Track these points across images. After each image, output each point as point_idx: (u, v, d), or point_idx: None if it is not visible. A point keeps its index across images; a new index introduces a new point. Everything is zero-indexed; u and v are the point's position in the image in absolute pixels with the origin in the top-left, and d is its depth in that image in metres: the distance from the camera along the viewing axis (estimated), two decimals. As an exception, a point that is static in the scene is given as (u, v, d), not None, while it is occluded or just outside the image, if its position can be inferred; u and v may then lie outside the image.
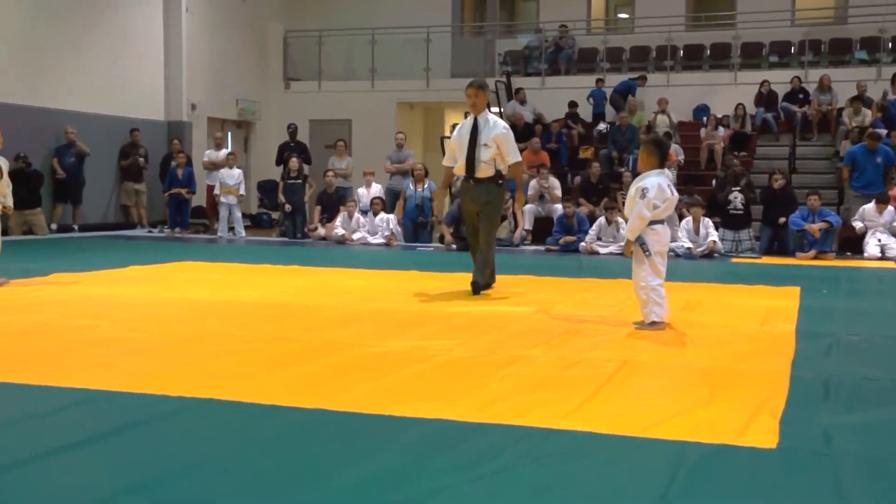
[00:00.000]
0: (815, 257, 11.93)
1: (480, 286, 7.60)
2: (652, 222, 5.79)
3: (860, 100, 15.61)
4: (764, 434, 3.40)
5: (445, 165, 8.32)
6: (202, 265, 9.96)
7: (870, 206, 12.56)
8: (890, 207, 12.49)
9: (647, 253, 5.80)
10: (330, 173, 15.05)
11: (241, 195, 15.62)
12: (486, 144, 7.58)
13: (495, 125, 7.70)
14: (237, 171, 15.57)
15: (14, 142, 13.87)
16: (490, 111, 8.12)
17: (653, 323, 5.81)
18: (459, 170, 7.86)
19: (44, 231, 14.16)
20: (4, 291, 7.25)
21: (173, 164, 15.77)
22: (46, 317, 6.02)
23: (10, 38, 14.26)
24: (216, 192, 15.40)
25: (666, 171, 6.04)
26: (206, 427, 3.50)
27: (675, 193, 6.00)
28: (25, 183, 13.93)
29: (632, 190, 5.99)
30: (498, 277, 8.22)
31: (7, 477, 2.84)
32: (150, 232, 15.67)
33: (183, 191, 15.55)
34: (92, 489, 2.74)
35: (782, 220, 12.54)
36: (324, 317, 6.29)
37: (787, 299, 7.47)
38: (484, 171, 7.64)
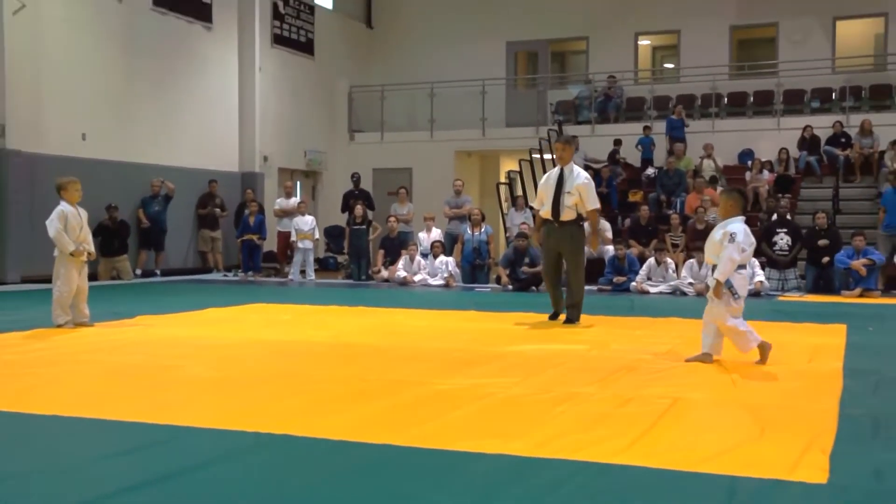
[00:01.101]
0: (861, 295, 11.70)
1: (575, 321, 8.28)
2: (738, 267, 5.78)
3: (901, 142, 15.35)
4: (815, 470, 3.34)
5: (535, 208, 9.02)
6: (274, 307, 10.09)
7: (914, 245, 12.31)
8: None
9: (735, 296, 5.77)
10: (392, 219, 15.19)
11: (316, 239, 15.86)
12: (569, 192, 8.28)
13: (578, 175, 8.40)
14: (310, 218, 15.79)
15: (104, 193, 14.35)
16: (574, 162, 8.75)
17: (757, 348, 5.86)
18: (545, 214, 8.46)
19: (129, 276, 14.50)
20: (94, 333, 7.44)
21: (246, 212, 16.05)
22: (133, 357, 6.17)
23: (104, 99, 14.73)
24: (293, 238, 15.62)
25: (743, 218, 5.98)
26: (281, 462, 3.55)
27: (751, 235, 5.99)
28: (113, 233, 14.33)
29: (716, 235, 5.94)
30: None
31: (103, 508, 2.91)
32: (225, 276, 15.94)
33: (254, 237, 15.80)
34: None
35: (826, 259, 12.33)
36: (389, 356, 6.34)
37: (833, 336, 7.34)
38: (567, 215, 8.31)
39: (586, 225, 8.57)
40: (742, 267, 5.84)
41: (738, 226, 5.85)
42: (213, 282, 14.81)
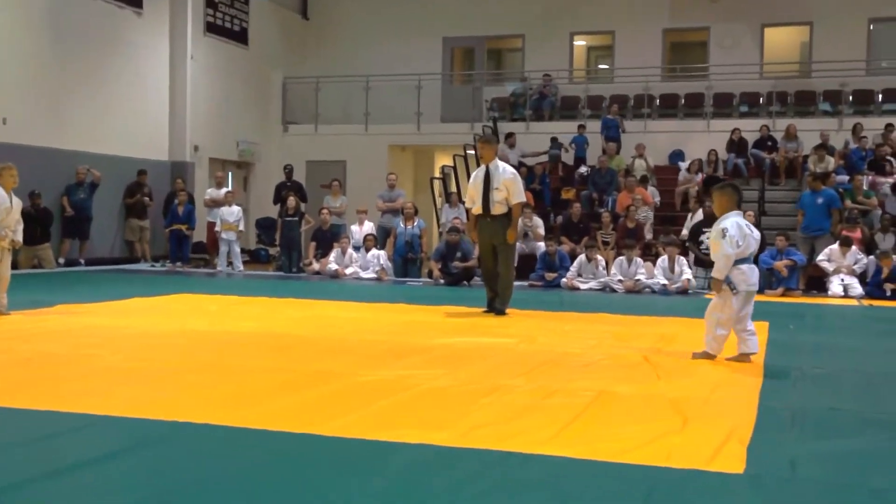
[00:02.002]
0: (783, 294, 11.98)
1: (504, 312, 8.51)
2: (737, 262, 5.74)
3: (824, 147, 15.78)
4: (732, 460, 3.39)
5: (467, 207, 9.33)
6: (201, 297, 9.91)
7: (835, 248, 12.64)
8: (854, 249, 12.55)
9: (734, 291, 5.74)
10: (325, 211, 15.06)
11: (241, 231, 15.61)
12: (497, 188, 8.59)
13: (504, 171, 8.76)
14: (236, 209, 15.56)
15: (27, 180, 13.90)
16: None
17: (744, 354, 5.83)
18: (477, 210, 8.78)
19: (51, 265, 14.10)
20: (11, 321, 7.20)
21: (175, 201, 15.76)
22: (51, 346, 5.98)
23: (28, 83, 14.29)
24: (217, 228, 15.38)
25: (740, 213, 5.91)
26: (201, 450, 3.47)
27: (755, 232, 5.92)
28: (36, 220, 13.91)
29: (713, 232, 5.92)
30: (480, 309, 8.34)
31: (7, 498, 2.80)
32: (152, 266, 15.61)
33: (183, 227, 15.54)
34: (89, 509, 2.71)
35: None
36: (317, 347, 6.27)
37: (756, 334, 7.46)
38: (497, 210, 8.64)
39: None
40: (744, 261, 5.76)
41: (730, 220, 5.78)
42: (140, 272, 14.50)
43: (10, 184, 7.74)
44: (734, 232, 5.72)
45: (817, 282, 12.74)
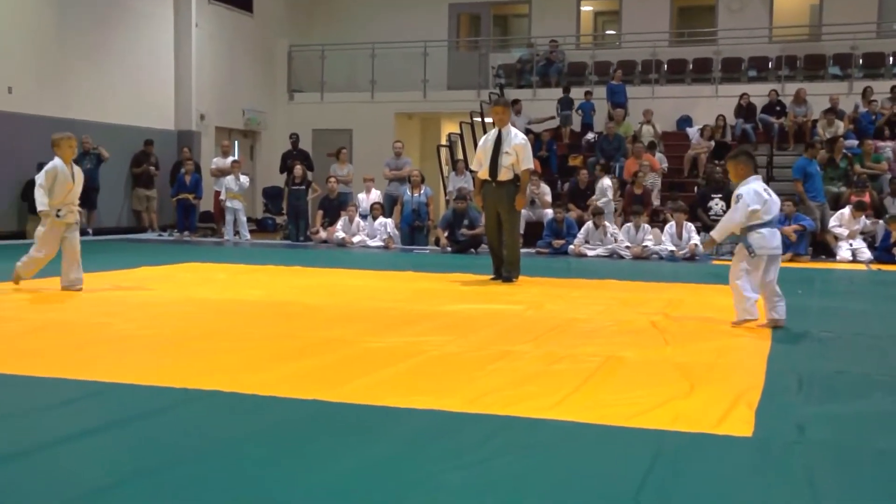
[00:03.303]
0: (791, 259, 11.93)
1: (512, 280, 8.45)
2: (757, 226, 5.69)
3: (833, 112, 15.65)
4: (740, 424, 3.39)
5: (473, 170, 9.13)
6: (209, 266, 9.94)
7: (846, 212, 12.57)
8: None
9: (752, 253, 5.70)
10: (332, 179, 15.04)
11: (243, 190, 15.56)
12: (507, 152, 8.41)
13: (516, 136, 8.58)
14: (243, 178, 15.55)
15: (35, 151, 13.92)
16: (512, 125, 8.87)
17: (743, 320, 5.81)
18: (483, 174, 8.60)
19: (60, 234, 14.11)
20: (21, 289, 7.22)
21: (182, 171, 15.75)
22: (62, 314, 6.01)
23: (32, 52, 14.24)
24: (222, 197, 15.37)
25: (759, 178, 5.87)
26: (210, 417, 3.48)
27: (775, 196, 5.85)
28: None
29: (733, 199, 5.88)
30: (487, 276, 8.33)
31: (21, 463, 2.82)
32: (160, 235, 15.65)
33: (190, 196, 15.54)
34: (100, 475, 2.72)
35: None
36: (324, 315, 6.28)
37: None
38: (504, 175, 8.46)
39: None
40: (764, 225, 5.70)
41: (747, 187, 5.74)
42: (148, 241, 14.53)
43: (70, 154, 7.34)
44: (749, 198, 5.68)
45: (825, 246, 12.70)
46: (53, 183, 7.16)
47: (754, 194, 5.71)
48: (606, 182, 13.83)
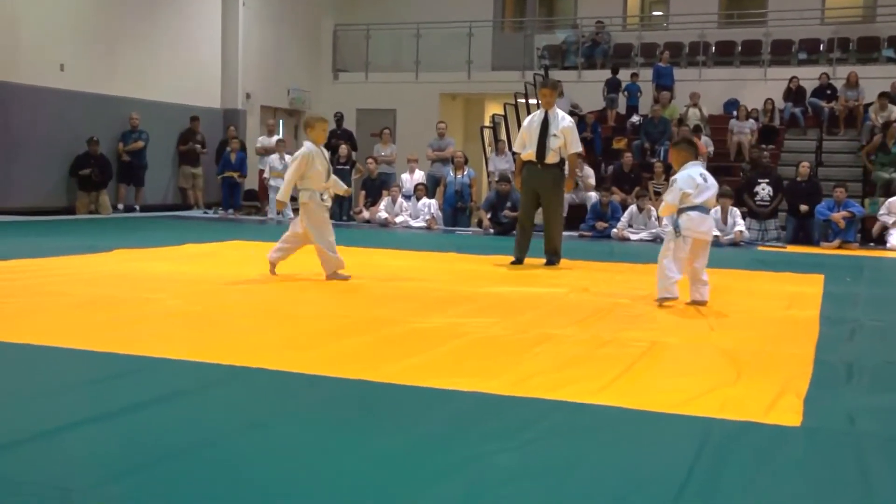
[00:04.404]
0: (840, 247, 11.74)
1: (556, 262, 8.39)
2: (688, 208, 5.85)
3: (887, 96, 15.29)
4: (788, 413, 3.34)
5: (516, 151, 8.87)
6: (254, 244, 10.00)
7: (894, 200, 12.32)
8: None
9: (677, 233, 5.88)
10: (370, 160, 15.06)
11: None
12: (555, 135, 8.29)
13: (563, 118, 8.43)
14: (287, 157, 15.60)
15: (85, 126, 14.13)
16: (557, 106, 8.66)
17: (664, 299, 5.96)
18: (528, 156, 8.41)
19: (108, 211, 14.34)
20: (70, 265, 7.34)
21: (228, 149, 15.88)
22: (110, 290, 6.09)
23: (81, 29, 14.41)
24: (265, 175, 15.47)
25: (699, 162, 6.07)
26: (255, 394, 3.52)
27: (711, 181, 6.02)
28: (95, 166, 14.14)
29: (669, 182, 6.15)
30: (531, 260, 8.29)
31: (66, 436, 2.87)
32: (205, 213, 15.81)
33: (235, 175, 15.67)
34: (146, 449, 2.76)
35: (804, 207, 12.35)
36: (369, 294, 6.30)
37: (811, 286, 7.36)
38: (552, 158, 8.33)
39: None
40: (695, 208, 5.86)
41: (682, 173, 5.99)
42: (194, 218, 14.69)
43: (323, 138, 7.10)
44: (681, 182, 5.90)
45: (876, 234, 12.46)
46: (309, 168, 6.79)
47: (688, 178, 5.91)
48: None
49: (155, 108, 15.65)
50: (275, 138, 16.19)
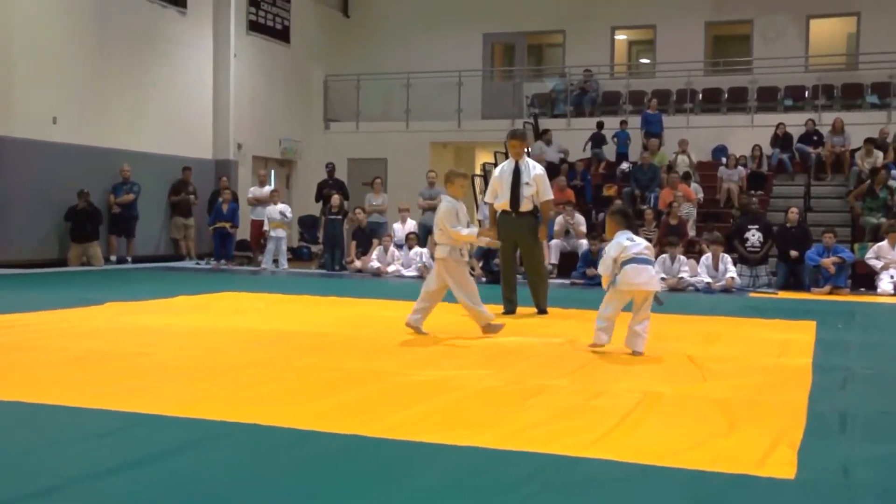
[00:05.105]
0: (830, 292, 11.78)
1: (545, 310, 8.49)
2: (627, 262, 6.07)
3: (872, 141, 15.49)
4: (782, 465, 3.34)
5: (488, 201, 8.90)
6: (246, 296, 10.00)
7: (884, 244, 12.40)
8: (902, 244, 12.33)
9: (613, 283, 6.12)
10: (358, 210, 15.15)
11: (289, 220, 15.73)
12: (527, 183, 8.39)
13: (535, 167, 8.53)
14: (282, 206, 15.68)
15: (76, 179, 14.18)
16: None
17: (594, 345, 6.15)
18: (502, 206, 8.50)
19: (100, 262, 14.33)
20: (62, 318, 7.32)
21: (220, 199, 15.93)
22: (101, 344, 6.08)
23: (74, 82, 14.53)
24: (265, 227, 15.52)
25: (628, 232, 6.28)
26: (248, 450, 3.50)
27: (638, 241, 6.23)
28: (86, 218, 14.16)
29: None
30: (524, 310, 8.30)
31: (57, 496, 2.85)
32: (197, 264, 15.80)
33: (227, 225, 15.71)
34: (142, 510, 2.74)
35: (794, 253, 12.42)
36: (361, 346, 6.29)
37: (803, 333, 7.38)
38: (526, 206, 8.44)
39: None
40: (632, 261, 6.04)
41: (611, 243, 6.25)
42: (186, 269, 14.68)
43: (461, 194, 7.03)
44: (610, 250, 6.19)
45: (865, 279, 12.52)
46: (455, 221, 6.83)
47: (615, 245, 6.17)
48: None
49: (146, 159, 15.73)
50: (267, 188, 16.27)
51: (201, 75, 17.43)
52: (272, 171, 19.15)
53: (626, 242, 6.16)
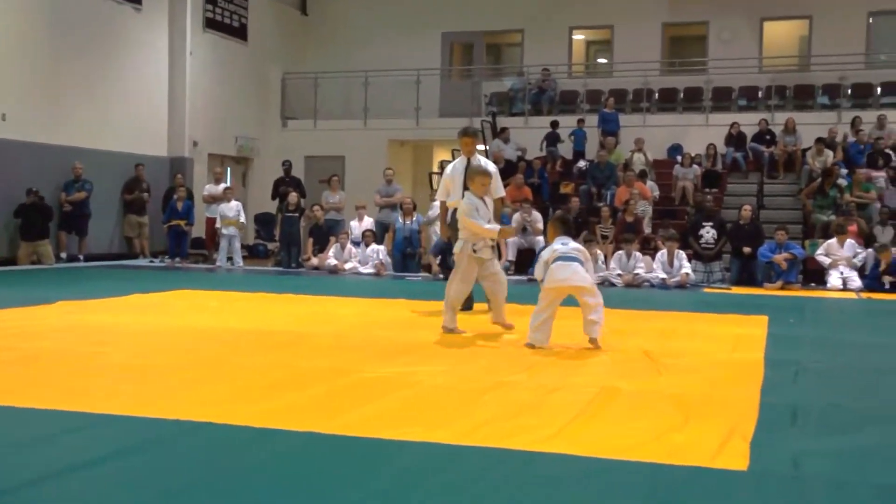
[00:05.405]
0: (782, 287, 11.98)
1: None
2: (553, 261, 6.20)
3: (823, 141, 15.77)
4: (735, 457, 3.39)
5: (440, 200, 8.69)
6: (201, 294, 9.90)
7: (833, 241, 12.64)
8: (850, 241, 12.57)
9: (541, 282, 6.30)
10: (316, 208, 15.08)
11: (243, 224, 15.58)
12: None
13: (487, 165, 8.28)
14: (235, 204, 15.54)
15: (26, 176, 13.91)
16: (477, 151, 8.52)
17: (530, 344, 6.18)
18: (454, 204, 8.26)
19: (51, 261, 14.08)
20: (12, 318, 7.19)
21: (174, 197, 15.75)
22: (53, 343, 5.97)
23: (27, 79, 14.25)
24: (217, 224, 15.37)
25: (565, 237, 6.41)
26: (203, 450, 3.46)
27: (573, 244, 6.35)
28: (35, 215, 13.91)
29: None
30: (479, 305, 8.31)
31: (11, 499, 2.80)
32: (151, 262, 15.60)
33: (182, 223, 15.54)
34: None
35: (747, 249, 12.61)
36: (317, 344, 6.26)
37: (755, 328, 7.48)
38: None
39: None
40: (559, 259, 6.17)
41: (548, 248, 6.45)
42: (139, 267, 14.49)
43: (483, 191, 7.06)
44: (543, 255, 6.39)
45: (816, 275, 12.75)
46: (476, 216, 6.86)
47: (549, 249, 6.38)
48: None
49: (100, 156, 15.48)
50: (222, 186, 16.11)
51: (156, 72, 17.20)
52: (228, 169, 18.97)
53: (557, 246, 6.33)
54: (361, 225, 14.86)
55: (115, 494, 2.86)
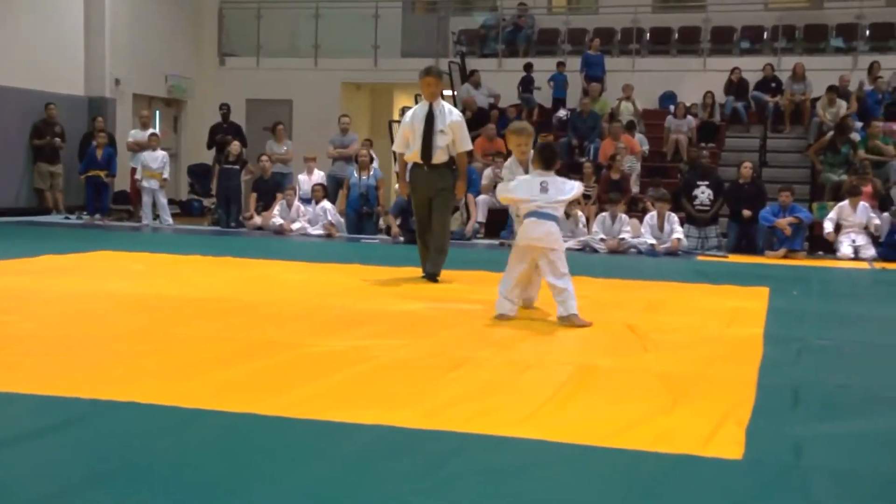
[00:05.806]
0: (785, 256, 12.11)
1: (436, 277, 8.15)
2: (528, 214, 6.14)
3: (835, 90, 15.83)
4: (729, 444, 3.43)
5: (398, 151, 8.64)
6: (125, 255, 9.82)
7: (844, 204, 12.73)
8: (863, 205, 12.63)
9: (511, 240, 6.28)
10: (265, 158, 14.95)
11: (165, 179, 15.38)
12: (442, 131, 8.16)
13: (451, 112, 8.29)
14: (161, 154, 15.37)
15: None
16: (443, 96, 8.39)
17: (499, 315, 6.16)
18: (413, 157, 8.27)
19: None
20: None
21: (93, 143, 15.54)
22: (-50, 310, 5.89)
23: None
24: (137, 176, 15.21)
25: (548, 176, 6.27)
26: (124, 432, 3.43)
27: (552, 191, 6.20)
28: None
29: None
30: (446, 273, 8.33)
31: None
32: (66, 218, 15.43)
33: (102, 174, 15.36)
34: (-4, 500, 2.68)
35: (747, 213, 12.70)
36: (258, 313, 6.25)
37: (754, 300, 7.57)
38: (439, 157, 8.22)
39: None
40: (534, 214, 6.12)
41: (524, 176, 6.45)
42: (53, 224, 14.33)
43: (517, 152, 7.07)
44: (516, 183, 6.37)
45: (824, 242, 12.87)
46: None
47: (525, 181, 6.32)
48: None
49: (4, 93, 15.18)
50: (148, 132, 15.92)
51: (71, -2, 16.87)
52: (157, 113, 18.74)
53: (535, 182, 6.17)
54: (311, 179, 14.78)
55: (24, 482, 2.83)
